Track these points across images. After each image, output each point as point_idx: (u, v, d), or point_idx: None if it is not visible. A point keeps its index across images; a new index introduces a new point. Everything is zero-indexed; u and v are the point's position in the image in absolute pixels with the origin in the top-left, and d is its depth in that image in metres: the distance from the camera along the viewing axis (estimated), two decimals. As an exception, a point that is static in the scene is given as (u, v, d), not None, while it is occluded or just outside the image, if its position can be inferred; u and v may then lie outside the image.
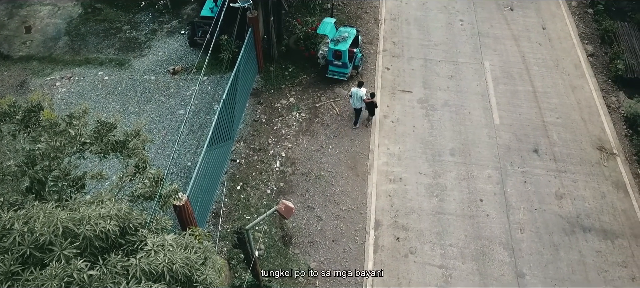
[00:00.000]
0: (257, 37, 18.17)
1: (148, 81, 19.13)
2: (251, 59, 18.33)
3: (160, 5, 22.61)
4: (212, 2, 19.81)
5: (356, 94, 16.54)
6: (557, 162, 16.09)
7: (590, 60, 19.81)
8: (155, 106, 18.19)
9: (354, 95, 16.59)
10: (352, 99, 16.75)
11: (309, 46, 19.48)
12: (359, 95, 16.52)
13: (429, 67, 19.34)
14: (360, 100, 16.58)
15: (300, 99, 18.33)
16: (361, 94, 16.51)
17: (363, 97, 16.49)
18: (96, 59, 20.11)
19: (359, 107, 16.80)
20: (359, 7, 22.31)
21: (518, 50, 20.05)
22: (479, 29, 20.96)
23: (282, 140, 16.87)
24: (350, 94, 16.82)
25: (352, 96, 16.68)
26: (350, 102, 17.01)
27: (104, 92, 18.73)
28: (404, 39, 20.64)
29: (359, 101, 16.60)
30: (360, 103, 16.65)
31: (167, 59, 20.03)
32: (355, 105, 16.81)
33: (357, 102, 16.65)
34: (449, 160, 16.14)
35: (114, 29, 21.58)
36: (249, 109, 18.06)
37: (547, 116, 17.50)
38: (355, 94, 16.55)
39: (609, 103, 18.15)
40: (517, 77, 18.92)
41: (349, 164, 16.10)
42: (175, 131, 17.34)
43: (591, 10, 22.25)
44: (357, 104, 16.69)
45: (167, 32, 21.39)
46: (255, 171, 16.01)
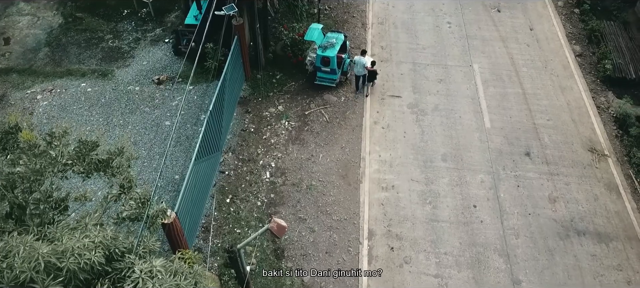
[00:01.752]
0: (244, 44, 17.84)
1: (132, 92, 18.68)
2: (238, 67, 17.99)
3: (143, 13, 22.16)
4: (196, 10, 19.41)
5: (360, 61, 17.47)
6: (550, 165, 15.99)
7: (578, 61, 19.79)
8: (140, 118, 17.75)
9: (358, 63, 17.51)
10: (356, 66, 17.65)
11: (297, 52, 19.20)
12: (362, 63, 17.44)
13: (418, 71, 19.16)
14: (364, 68, 17.50)
15: (288, 106, 18.03)
16: (364, 61, 17.45)
17: (366, 65, 17.41)
18: (78, 70, 19.61)
19: (362, 74, 17.74)
20: (345, 11, 22.07)
21: (506, 52, 19.96)
22: (467, 31, 20.84)
23: (271, 149, 16.55)
24: (354, 62, 17.71)
25: (356, 64, 17.59)
26: (353, 70, 17.94)
27: (87, 104, 18.25)
28: (392, 43, 20.44)
29: (362, 68, 17.55)
30: (364, 70, 17.58)
31: (151, 68, 19.60)
32: (358, 73, 17.78)
33: (361, 70, 17.59)
34: (441, 166, 15.96)
35: (96, 39, 21.08)
36: (236, 118, 17.71)
37: (538, 118, 17.40)
38: (359, 61, 17.47)
39: (599, 103, 18.12)
40: (507, 79, 18.82)
41: (340, 173, 15.83)
42: (162, 143, 16.94)
43: (577, 10, 22.27)
44: (361, 71, 17.63)
45: (150, 40, 20.94)
46: (245, 183, 15.67)
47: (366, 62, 17.42)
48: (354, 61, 17.71)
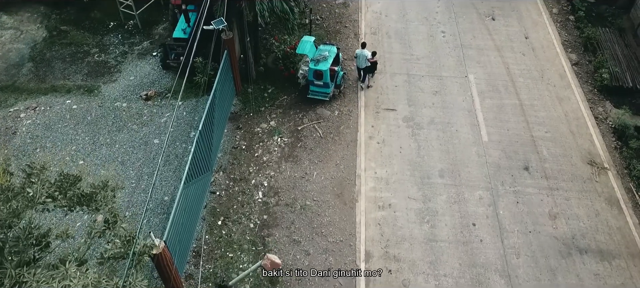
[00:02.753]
0: (234, 59, 17.34)
1: (119, 109, 18.11)
2: (228, 81, 17.48)
3: (130, 25, 21.58)
4: (185, 23, 18.88)
5: (362, 54, 17.74)
6: (549, 180, 15.63)
7: (574, 70, 19.48)
8: (128, 136, 17.19)
9: (360, 56, 17.82)
10: (358, 59, 18.01)
11: (288, 65, 18.72)
12: (365, 55, 17.71)
13: (413, 83, 18.75)
14: (366, 60, 17.78)
15: (281, 121, 17.54)
16: (366, 54, 17.72)
17: (368, 58, 17.71)
18: (63, 86, 19.00)
19: (365, 66, 18.01)
20: (337, 21, 21.63)
21: (502, 61, 19.61)
22: (462, 41, 20.46)
23: (263, 168, 16.06)
24: (356, 56, 18.10)
25: (358, 57, 17.94)
26: (356, 63, 18.32)
27: (72, 122, 17.65)
28: (386, 53, 20.01)
29: (365, 61, 17.83)
30: (366, 63, 17.87)
31: (139, 83, 19.03)
32: (361, 66, 18.09)
33: (363, 62, 17.89)
34: (438, 183, 15.54)
35: (82, 53, 20.46)
36: (227, 135, 17.20)
37: (536, 130, 17.05)
38: (361, 54, 17.76)
39: (596, 114, 17.81)
40: (503, 90, 18.46)
41: (335, 191, 15.37)
42: (151, 162, 16.39)
43: (572, 17, 21.98)
44: (363, 63, 17.94)
45: (138, 54, 20.37)
46: (237, 203, 15.17)
47: (368, 54, 17.76)
48: (356, 54, 18.11)
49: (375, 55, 18.00)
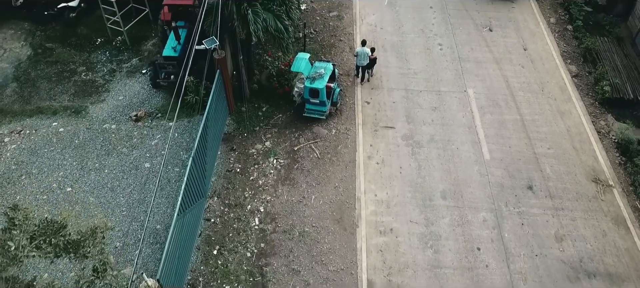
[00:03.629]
0: (226, 78, 16.77)
1: (108, 131, 17.45)
2: (221, 100, 16.89)
3: (118, 41, 20.91)
4: (175, 41, 18.24)
5: (363, 52, 17.82)
6: (554, 199, 15.21)
7: (575, 82, 19.10)
8: (117, 160, 16.53)
9: (361, 54, 17.88)
10: (359, 58, 18.05)
11: (283, 83, 18.17)
12: (365, 53, 17.82)
13: (411, 99, 18.27)
14: (366, 58, 17.89)
15: (276, 142, 16.98)
16: (367, 51, 17.83)
17: (369, 55, 17.85)
18: (49, 108, 18.29)
19: (365, 64, 18.12)
20: (332, 35, 21.11)
21: (501, 74, 19.19)
22: (459, 53, 20.02)
23: (259, 192, 15.49)
24: (356, 54, 18.11)
25: (359, 55, 17.97)
26: (356, 62, 18.34)
27: (59, 146, 16.97)
28: (382, 68, 19.51)
29: (365, 58, 17.93)
30: (366, 60, 17.99)
31: (128, 103, 18.37)
32: (362, 63, 18.16)
33: (364, 60, 17.98)
34: (440, 204, 15.06)
35: (68, 72, 19.76)
36: (221, 157, 16.61)
37: (538, 147, 16.63)
38: (362, 52, 17.84)
39: (599, 128, 17.43)
40: (503, 104, 18.03)
41: (334, 216, 14.83)
42: (142, 188, 15.76)
43: (570, 27, 21.62)
44: (363, 61, 18.03)
45: (126, 72, 19.70)
46: (233, 231, 14.59)
47: (368, 52, 17.85)
48: (356, 52, 18.14)
49: (374, 51, 18.27)
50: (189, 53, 17.72)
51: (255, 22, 14.39)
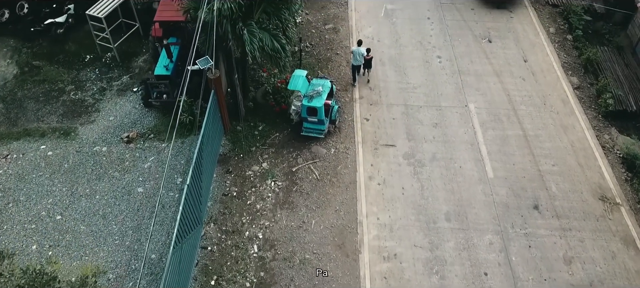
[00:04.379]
0: (221, 97, 16.20)
1: (99, 153, 16.82)
2: (215, 121, 16.32)
3: (108, 58, 20.26)
4: (167, 59, 17.64)
5: (358, 52, 17.79)
6: (560, 219, 14.81)
7: (577, 94, 18.74)
8: (109, 185, 15.92)
9: (356, 53, 17.84)
10: (354, 57, 17.99)
11: (279, 100, 17.64)
12: (361, 53, 17.80)
13: (411, 115, 17.80)
14: (362, 57, 17.89)
15: (274, 163, 16.44)
16: (362, 51, 17.82)
17: (364, 55, 17.86)
18: (37, 130, 17.63)
19: (359, 64, 18.15)
20: (328, 48, 20.60)
21: (502, 87, 18.78)
22: (459, 66, 19.59)
23: (257, 217, 14.94)
24: (352, 52, 18.09)
25: (355, 55, 17.90)
26: (352, 62, 18.25)
27: (48, 171, 16.32)
28: (381, 82, 19.05)
29: (360, 58, 17.93)
30: (361, 60, 18.00)
31: (119, 124, 17.75)
32: (356, 63, 18.13)
33: (359, 60, 17.97)
34: (445, 227, 14.60)
35: (56, 91, 19.09)
36: (216, 180, 16.05)
37: (543, 164, 16.23)
38: (357, 52, 17.79)
39: (603, 142, 17.07)
40: (505, 119, 17.62)
41: (336, 242, 14.33)
42: (134, 214, 15.17)
43: (570, 36, 21.28)
44: (359, 61, 18.04)
45: (117, 90, 19.07)
46: (231, 259, 14.03)
47: (363, 51, 17.85)
48: (352, 52, 18.15)
49: (370, 52, 18.26)
50: (182, 73, 17.23)
51: (251, 42, 13.85)
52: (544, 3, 22.97)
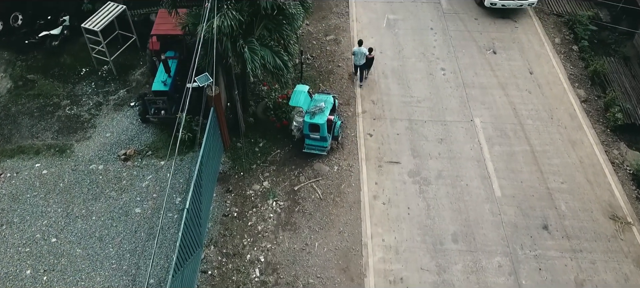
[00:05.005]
0: (220, 114, 15.75)
1: (95, 172, 16.35)
2: (215, 138, 15.87)
3: (104, 71, 19.79)
4: (165, 74, 17.17)
5: (360, 52, 17.95)
6: (571, 240, 14.40)
7: (584, 107, 18.35)
8: (105, 205, 15.45)
9: (358, 53, 18.02)
10: (356, 57, 18.18)
11: (280, 116, 17.21)
12: (363, 53, 17.95)
13: (416, 130, 17.38)
14: (364, 57, 18.04)
15: (275, 181, 16.00)
16: (364, 51, 17.96)
17: (366, 54, 17.99)
18: (31, 147, 17.14)
19: (362, 63, 18.25)
20: (329, 60, 20.17)
21: (508, 101, 18.38)
22: (464, 79, 19.17)
23: (259, 239, 14.49)
24: (354, 53, 18.25)
25: (356, 55, 18.11)
26: (354, 61, 18.43)
27: (42, 190, 15.84)
28: (384, 96, 18.62)
29: (362, 58, 18.09)
30: (364, 59, 18.13)
31: (116, 141, 17.27)
32: (359, 63, 18.27)
33: (361, 59, 18.12)
34: (452, 249, 14.18)
35: (51, 106, 18.61)
36: (216, 200, 15.59)
37: (551, 181, 15.83)
38: (359, 52, 17.97)
39: (612, 158, 16.68)
40: (512, 134, 17.21)
41: (340, 265, 13.88)
42: (132, 236, 14.71)
43: (576, 47, 20.89)
44: (361, 61, 18.16)
45: (114, 105, 18.60)
46: (232, 284, 13.58)
47: (366, 51, 17.99)
48: (354, 52, 18.27)
49: (372, 51, 18.37)
50: (181, 88, 16.78)
51: (252, 60, 13.39)
52: (548, 12, 22.60)
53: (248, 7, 13.62)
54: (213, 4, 13.17)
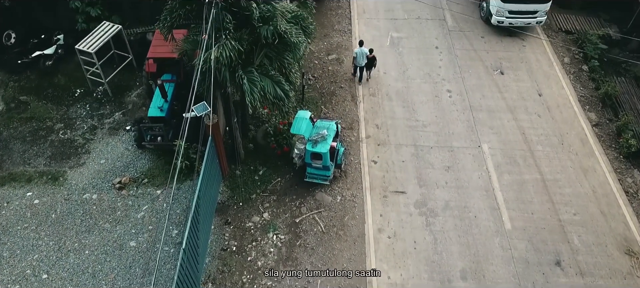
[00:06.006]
0: (219, 143, 15.15)
1: (89, 202, 15.73)
2: (213, 167, 15.24)
3: (99, 92, 19.16)
4: (161, 100, 16.55)
5: (361, 52, 18.23)
6: (585, 277, 13.78)
7: (595, 132, 17.73)
8: (99, 238, 14.83)
9: (360, 54, 18.28)
10: (357, 58, 18.43)
11: (281, 142, 16.59)
12: (364, 53, 18.22)
13: (421, 157, 16.76)
14: (365, 58, 18.30)
15: (275, 213, 15.37)
16: (365, 51, 18.22)
17: (368, 54, 18.24)
18: (23, 174, 16.52)
19: (364, 64, 18.55)
20: (332, 81, 19.54)
21: (516, 125, 17.75)
22: (470, 101, 18.55)
23: (259, 276, 13.87)
24: (355, 55, 18.46)
25: (358, 56, 18.36)
26: (356, 62, 18.64)
27: (34, 222, 15.22)
28: (388, 119, 18.00)
29: (364, 58, 18.35)
30: (365, 60, 18.38)
31: (111, 168, 16.65)
32: (360, 64, 18.58)
33: (362, 60, 18.41)
34: (461, 287, 13.55)
35: (44, 130, 17.98)
36: (215, 232, 14.98)
37: (563, 213, 15.21)
38: (361, 52, 18.24)
39: (626, 187, 16.06)
40: (521, 162, 16.59)
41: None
42: (126, 272, 14.09)
43: (586, 67, 20.27)
44: (362, 61, 18.45)
45: (109, 128, 17.97)
46: (230, 326, 12.98)
47: (367, 51, 18.23)
48: (355, 53, 18.48)
49: (373, 51, 18.50)
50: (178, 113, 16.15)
51: (251, 92, 12.77)
52: (556, 30, 21.98)
53: (248, 36, 13.00)
54: (211, 31, 12.55)
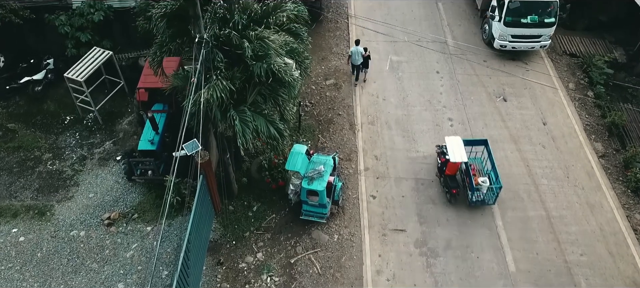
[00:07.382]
0: (211, 179, 14.52)
1: (76, 239, 15.14)
2: (205, 204, 14.62)
3: (89, 120, 18.56)
4: (152, 132, 15.95)
5: (357, 51, 18.58)
6: (593, 325, 13.19)
7: (602, 163, 17.13)
8: (86, 279, 14.24)
9: (355, 53, 18.63)
10: (353, 57, 18.79)
11: (276, 177, 15.98)
12: (360, 52, 18.56)
13: (422, 191, 16.15)
14: (361, 56, 18.62)
15: (270, 253, 14.77)
16: (361, 50, 18.58)
17: (363, 54, 18.58)
18: (9, 208, 15.94)
19: (360, 63, 18.86)
20: (329, 107, 18.93)
21: (520, 157, 17.14)
22: (472, 131, 17.94)
23: (252, 324, 13.28)
24: (351, 53, 18.86)
25: (353, 55, 18.72)
26: (351, 60, 19.00)
27: (18, 261, 14.63)
28: (387, 150, 17.40)
29: (360, 57, 18.67)
30: (361, 58, 18.70)
31: (100, 202, 16.07)
32: (356, 63, 18.89)
33: (358, 59, 18.71)
34: (463, 337, 12.96)
35: (32, 160, 17.39)
36: (206, 274, 14.37)
37: (570, 253, 14.60)
38: (356, 51, 18.59)
39: (635, 224, 15.46)
40: (526, 196, 15.99)
41: None
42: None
43: (591, 93, 19.66)
44: (358, 60, 18.76)
45: (99, 158, 17.39)
46: None
47: (362, 50, 18.57)
48: (351, 52, 18.83)
49: (367, 50, 18.84)
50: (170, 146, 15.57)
51: (243, 133, 12.16)
52: (561, 53, 21.39)
53: (241, 74, 12.40)
54: (202, 70, 11.95)
